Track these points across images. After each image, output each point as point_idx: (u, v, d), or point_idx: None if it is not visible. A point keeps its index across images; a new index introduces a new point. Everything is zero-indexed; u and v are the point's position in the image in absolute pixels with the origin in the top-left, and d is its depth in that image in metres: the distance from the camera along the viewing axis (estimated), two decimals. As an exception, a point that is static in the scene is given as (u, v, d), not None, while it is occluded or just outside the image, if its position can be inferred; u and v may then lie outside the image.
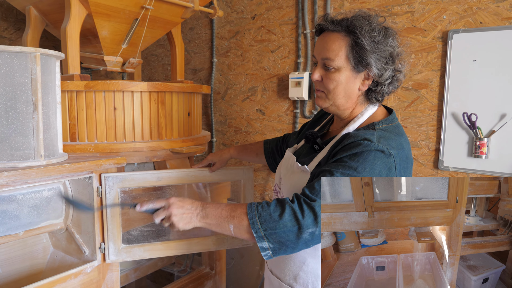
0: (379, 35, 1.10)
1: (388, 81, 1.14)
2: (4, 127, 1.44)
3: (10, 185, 1.38)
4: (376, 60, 1.10)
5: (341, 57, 1.11)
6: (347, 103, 1.17)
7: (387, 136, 1.10)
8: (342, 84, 1.13)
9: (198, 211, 1.10)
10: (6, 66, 1.42)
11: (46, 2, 1.94)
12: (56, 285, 1.53)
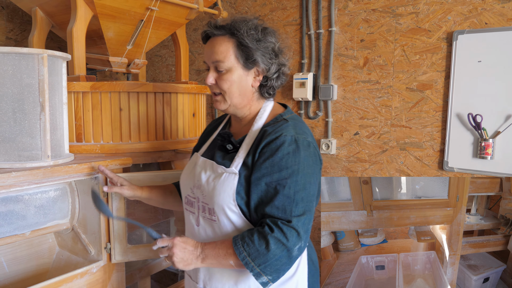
0: (258, 33, 1.17)
1: (275, 75, 1.21)
2: (12, 128, 1.46)
3: (18, 186, 1.39)
4: (262, 56, 1.17)
5: (230, 57, 1.17)
6: (243, 101, 1.22)
7: (298, 125, 1.18)
8: (236, 82, 1.18)
9: (198, 253, 1.13)
10: (13, 68, 1.43)
11: (52, 4, 1.95)
12: (63, 285, 1.54)
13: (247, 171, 1.15)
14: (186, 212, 1.33)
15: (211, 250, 1.12)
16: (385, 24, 2.10)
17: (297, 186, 1.08)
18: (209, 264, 1.13)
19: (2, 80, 1.42)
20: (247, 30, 1.15)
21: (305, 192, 1.08)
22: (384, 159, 2.15)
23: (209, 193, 1.19)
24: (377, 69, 2.15)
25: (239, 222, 1.16)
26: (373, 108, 2.17)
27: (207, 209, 1.21)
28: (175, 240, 1.13)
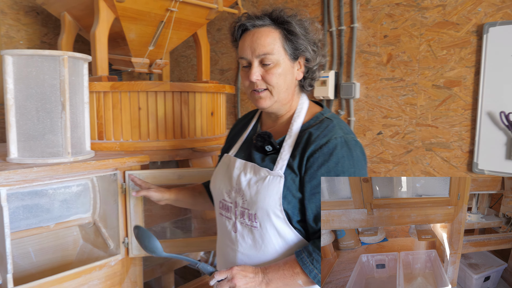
0: (305, 22, 1.13)
1: (316, 66, 1.18)
2: (36, 126, 1.54)
3: (39, 180, 1.47)
4: (308, 46, 1.13)
5: (278, 49, 1.10)
6: (288, 95, 1.17)
7: (342, 124, 1.14)
8: (283, 76, 1.12)
9: (261, 278, 1.06)
10: (37, 69, 1.52)
11: (78, 8, 2.04)
12: (82, 276, 1.61)
13: (293, 174, 1.08)
14: (221, 218, 1.25)
15: (274, 273, 1.06)
16: (410, 19, 2.02)
17: None
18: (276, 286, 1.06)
19: (27, 81, 1.51)
20: (295, 19, 1.11)
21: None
22: (409, 160, 2.08)
23: (251, 197, 1.11)
24: (401, 66, 2.07)
25: (284, 229, 1.10)
26: (397, 106, 2.10)
27: (247, 215, 1.13)
28: (233, 270, 1.07)
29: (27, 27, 2.54)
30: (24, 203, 1.64)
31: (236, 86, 2.80)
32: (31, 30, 2.56)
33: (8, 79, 1.48)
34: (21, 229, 1.64)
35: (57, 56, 1.51)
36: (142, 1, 1.92)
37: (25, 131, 1.53)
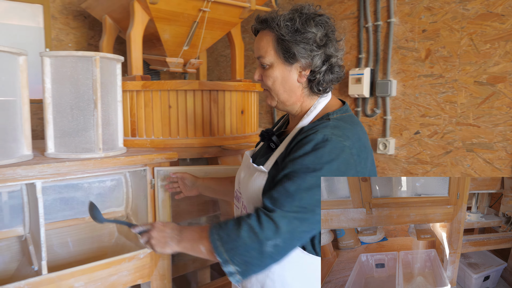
0: (295, 24, 1.05)
1: (323, 68, 1.08)
2: (70, 123, 1.63)
3: (71, 174, 1.56)
4: (301, 49, 1.05)
5: (270, 52, 1.09)
6: (291, 97, 1.13)
7: (341, 126, 1.04)
8: (278, 79, 1.10)
9: (175, 234, 1.09)
10: (71, 69, 1.61)
11: (117, 11, 2.14)
12: (112, 266, 1.68)
13: (276, 170, 1.08)
14: (235, 207, 1.33)
15: (188, 233, 1.08)
16: (450, 11, 1.90)
17: (303, 184, 0.96)
18: (183, 247, 1.07)
19: (62, 80, 1.61)
20: (282, 22, 1.06)
21: (309, 194, 0.95)
22: (448, 161, 1.95)
23: (243, 190, 1.19)
24: (440, 62, 1.95)
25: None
26: (436, 104, 1.98)
27: (244, 206, 1.20)
28: (155, 223, 1.14)
29: (75, 30, 2.70)
30: (61, 195, 1.75)
31: (272, 84, 2.80)
32: (79, 33, 2.72)
33: (46, 79, 1.58)
34: (58, 220, 1.75)
35: (90, 56, 1.59)
36: (175, 2, 1.97)
37: (60, 128, 1.63)
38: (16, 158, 1.50)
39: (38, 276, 1.50)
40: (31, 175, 1.44)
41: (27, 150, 1.59)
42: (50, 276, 1.52)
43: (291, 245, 0.97)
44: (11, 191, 1.63)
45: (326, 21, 1.08)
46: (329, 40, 1.08)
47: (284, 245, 0.95)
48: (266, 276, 1.10)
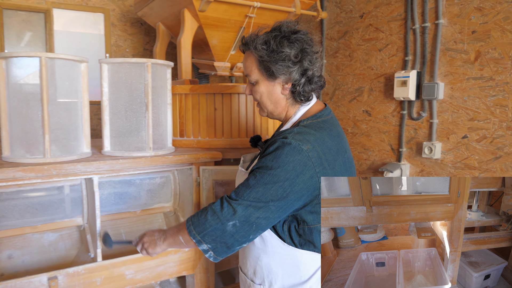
0: (270, 46, 1.15)
1: (302, 80, 1.18)
2: (124, 123, 1.78)
3: (124, 170, 1.70)
4: (279, 67, 1.16)
5: (255, 71, 1.21)
6: (277, 108, 1.25)
7: (304, 132, 1.13)
8: (265, 93, 1.23)
9: (161, 235, 1.24)
10: (126, 74, 1.75)
11: (169, 18, 2.28)
12: (159, 257, 1.81)
13: None
14: None
15: (170, 230, 1.22)
16: (502, 11, 1.83)
17: (261, 179, 1.09)
18: (168, 243, 1.22)
19: (118, 85, 1.75)
20: (259, 45, 1.17)
21: (265, 189, 1.07)
22: (498, 167, 1.88)
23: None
24: (491, 64, 1.88)
25: None
26: (485, 108, 1.91)
27: None
28: (147, 231, 1.29)
29: (133, 36, 2.90)
30: (116, 190, 1.91)
31: (317, 87, 2.82)
32: (135, 39, 2.91)
33: (104, 83, 1.74)
34: (112, 212, 1.91)
35: (142, 63, 1.72)
36: (222, 9, 2.06)
37: (116, 128, 1.77)
38: (77, 155, 1.66)
39: (93, 263, 1.65)
40: (89, 170, 1.60)
41: (86, 148, 1.75)
42: (104, 263, 1.67)
43: (248, 226, 1.10)
44: (72, 185, 1.81)
45: (301, 38, 1.16)
46: (304, 55, 1.16)
47: (241, 225, 1.09)
48: (256, 264, 1.25)
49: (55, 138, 1.61)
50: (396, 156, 2.34)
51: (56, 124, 1.61)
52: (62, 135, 1.64)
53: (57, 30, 2.67)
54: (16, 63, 1.59)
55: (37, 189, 1.73)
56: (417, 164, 2.22)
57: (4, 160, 1.59)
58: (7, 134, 1.61)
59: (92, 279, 1.65)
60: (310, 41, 1.19)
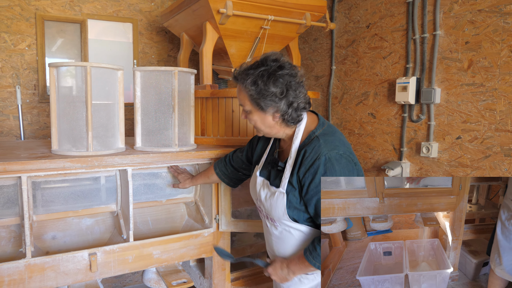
0: (258, 86, 1.33)
1: (289, 110, 1.37)
2: (153, 123, 2.04)
3: (154, 164, 1.96)
4: (267, 102, 1.35)
5: (247, 103, 1.41)
6: (272, 130, 1.45)
7: (329, 140, 1.34)
8: (258, 121, 1.44)
9: (287, 272, 1.43)
10: (156, 80, 2.01)
11: (192, 29, 2.54)
12: (182, 241, 2.07)
13: (293, 190, 1.40)
14: (261, 216, 1.67)
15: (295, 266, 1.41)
16: (492, 24, 2.02)
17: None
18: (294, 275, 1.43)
19: (148, 90, 2.02)
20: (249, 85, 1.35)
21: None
22: (487, 165, 2.07)
23: (268, 208, 1.51)
24: (481, 72, 2.08)
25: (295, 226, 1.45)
26: (477, 111, 2.11)
27: (270, 218, 1.53)
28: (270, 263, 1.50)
29: (158, 44, 3.18)
30: (145, 181, 2.17)
31: (328, 91, 3.04)
32: (160, 46, 3.19)
33: (137, 88, 2.00)
34: (141, 201, 2.17)
35: (170, 71, 1.98)
36: (240, 22, 2.31)
37: (146, 127, 2.04)
38: (114, 150, 1.93)
39: (126, 243, 1.92)
40: (124, 162, 1.86)
41: (121, 144, 2.02)
42: (135, 244, 1.93)
43: None
44: (107, 175, 2.07)
45: (285, 73, 1.34)
46: (289, 90, 1.36)
47: None
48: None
49: (96, 134, 1.88)
50: (398, 155, 2.54)
51: (97, 122, 1.88)
52: (102, 132, 1.91)
53: (91, 38, 2.97)
54: (65, 71, 1.86)
55: (79, 179, 2.01)
56: (417, 162, 2.43)
57: (54, 153, 1.87)
58: (56, 131, 1.89)
59: (125, 257, 1.92)
60: (295, 74, 1.37)
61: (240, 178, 1.93)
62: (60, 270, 1.79)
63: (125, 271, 1.94)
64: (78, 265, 1.82)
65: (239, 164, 1.87)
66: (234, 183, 1.95)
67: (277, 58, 1.39)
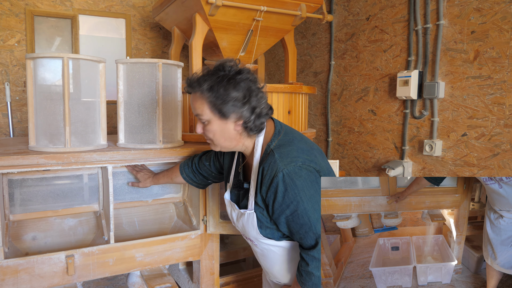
0: (218, 91, 1.21)
1: (252, 117, 1.25)
2: (137, 118, 1.93)
3: (136, 161, 1.85)
4: (229, 108, 1.23)
5: (206, 112, 1.27)
6: (232, 143, 1.33)
7: (284, 153, 1.23)
8: (218, 131, 1.30)
9: None
10: (139, 74, 1.91)
11: (183, 22, 2.44)
12: (167, 243, 1.95)
13: (260, 209, 1.33)
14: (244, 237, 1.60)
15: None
16: (500, 12, 1.88)
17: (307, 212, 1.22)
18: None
19: (131, 83, 1.91)
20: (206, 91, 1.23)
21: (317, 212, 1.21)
22: (495, 164, 1.92)
23: (241, 229, 1.45)
24: (489, 63, 1.93)
25: (273, 243, 1.38)
26: (484, 106, 1.96)
27: (248, 238, 1.47)
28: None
29: (152, 40, 3.09)
30: (129, 180, 2.07)
31: (327, 87, 2.91)
32: (154, 42, 3.10)
33: (120, 81, 1.90)
34: (126, 201, 2.06)
35: (154, 63, 1.88)
36: (231, 13, 2.20)
37: (130, 123, 1.93)
38: (94, 146, 1.83)
39: (106, 244, 1.81)
40: (104, 159, 1.76)
41: (102, 140, 1.92)
42: (116, 245, 1.82)
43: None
44: (90, 173, 1.97)
45: (246, 77, 1.23)
46: (251, 94, 1.24)
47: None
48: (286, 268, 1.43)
49: (74, 130, 1.78)
50: (400, 154, 2.40)
51: (76, 117, 1.78)
52: (81, 128, 1.81)
53: (82, 34, 2.89)
54: (42, 63, 1.77)
55: (59, 177, 1.91)
56: (419, 161, 2.28)
57: (30, 149, 1.78)
58: (33, 126, 1.80)
59: (105, 259, 1.81)
60: (255, 79, 1.27)
61: (209, 183, 1.85)
62: (35, 272, 1.69)
63: (105, 275, 1.83)
64: (54, 267, 1.72)
65: (208, 173, 1.76)
66: (203, 186, 1.86)
67: (235, 63, 1.29)
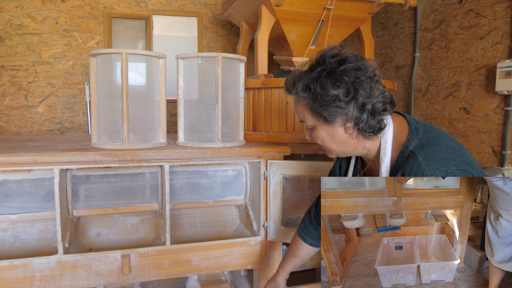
0: (313, 89, 1.03)
1: (363, 116, 1.03)
2: (196, 116, 1.86)
3: (193, 160, 1.77)
4: (330, 110, 1.03)
5: (308, 117, 1.11)
6: (347, 147, 1.13)
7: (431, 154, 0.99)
8: (326, 137, 1.11)
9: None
10: (198, 69, 1.83)
11: (250, 16, 2.32)
12: (225, 248, 1.84)
13: None
14: None
15: None
16: None
17: None
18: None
19: (191, 79, 1.84)
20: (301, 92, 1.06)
21: None
22: None
23: None
24: None
25: None
26: None
27: None
28: None
29: (223, 38, 3.03)
30: (189, 180, 2.00)
31: (410, 83, 2.59)
32: (226, 40, 3.04)
33: (180, 78, 1.84)
34: (185, 201, 2.00)
35: (214, 57, 1.78)
36: (299, 2, 2.03)
37: (189, 120, 1.86)
38: (151, 144, 1.78)
39: (162, 246, 1.75)
40: (159, 158, 1.70)
41: (162, 138, 1.87)
42: (171, 247, 1.76)
43: None
44: (151, 172, 1.94)
45: (349, 68, 1.01)
46: (358, 88, 1.01)
47: None
48: None
49: (132, 127, 1.76)
50: (499, 159, 2.01)
51: (134, 114, 1.75)
52: (139, 125, 1.78)
53: (156, 34, 2.93)
54: (103, 59, 1.77)
55: (120, 174, 1.90)
56: (525, 169, 1.88)
57: (92, 146, 1.79)
58: (95, 123, 1.81)
59: (160, 261, 1.75)
60: (364, 67, 1.03)
61: None
62: (91, 270, 1.69)
63: (160, 277, 1.77)
64: (110, 266, 1.70)
65: None
66: None
67: (336, 53, 1.06)
